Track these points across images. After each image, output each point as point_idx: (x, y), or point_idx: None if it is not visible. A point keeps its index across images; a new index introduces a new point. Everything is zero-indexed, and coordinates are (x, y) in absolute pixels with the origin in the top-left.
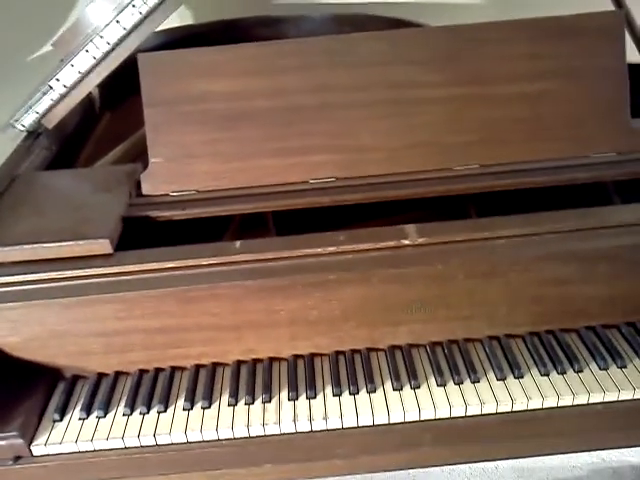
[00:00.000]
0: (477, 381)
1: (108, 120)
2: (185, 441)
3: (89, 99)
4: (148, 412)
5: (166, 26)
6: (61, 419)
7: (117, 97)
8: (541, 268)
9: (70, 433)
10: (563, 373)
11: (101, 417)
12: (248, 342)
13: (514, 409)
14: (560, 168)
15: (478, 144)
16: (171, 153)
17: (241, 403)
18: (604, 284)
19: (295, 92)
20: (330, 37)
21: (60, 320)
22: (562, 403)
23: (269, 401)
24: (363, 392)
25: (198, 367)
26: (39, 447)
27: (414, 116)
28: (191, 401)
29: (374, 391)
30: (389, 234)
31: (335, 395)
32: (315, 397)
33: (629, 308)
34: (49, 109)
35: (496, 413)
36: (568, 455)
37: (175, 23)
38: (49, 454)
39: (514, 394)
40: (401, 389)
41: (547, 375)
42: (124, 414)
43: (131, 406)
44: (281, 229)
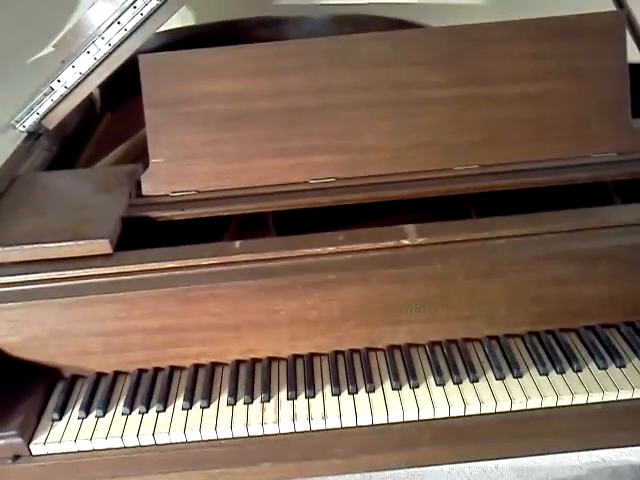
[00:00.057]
0: (476, 381)
1: (109, 121)
2: (184, 440)
3: (90, 100)
4: (147, 411)
5: (167, 27)
6: (60, 418)
7: (118, 98)
8: (541, 268)
9: (69, 432)
10: (562, 373)
11: (100, 416)
12: (248, 342)
13: (513, 409)
14: (560, 168)
15: (481, 144)
16: (172, 154)
17: (240, 403)
18: (604, 284)
19: (296, 93)
20: (331, 38)
21: (60, 320)
22: (561, 403)
23: (268, 401)
24: (362, 392)
25: (197, 367)
26: (38, 446)
27: (416, 116)
28: (190, 401)
29: (373, 391)
30: (389, 234)
31: (334, 395)
32: (314, 397)
33: (628, 308)
34: (50, 110)
35: (495, 413)
36: (567, 454)
37: (176, 24)
38: (48, 453)
39: (513, 394)
40: (400, 389)
41: (546, 375)
42: (123, 413)
43: (130, 405)
44: (281, 229)
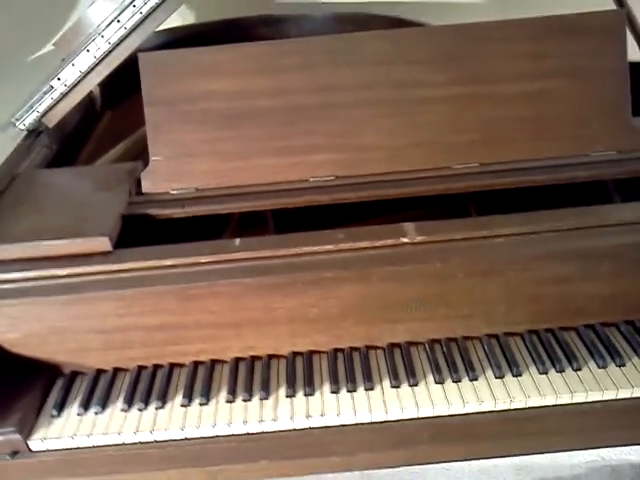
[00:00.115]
0: (475, 379)
1: (109, 119)
2: (183, 437)
3: (90, 98)
4: (146, 408)
5: (168, 25)
6: (59, 415)
7: (118, 96)
8: (540, 266)
9: (68, 428)
10: (561, 371)
11: (99, 413)
12: (247, 339)
13: (512, 407)
14: (560, 167)
15: (481, 143)
16: (171, 152)
17: (239, 400)
18: (603, 283)
19: (297, 91)
20: (332, 36)
21: (60, 317)
22: (560, 401)
23: (267, 398)
24: (361, 389)
25: (196, 364)
26: (37, 442)
27: (417, 115)
28: (189, 397)
29: (372, 388)
30: (388, 232)
31: (333, 392)
32: (313, 394)
33: (628, 307)
34: (50, 108)
35: (494, 411)
36: (567, 453)
37: (177, 22)
38: (47, 449)
39: (512, 392)
40: (399, 387)
41: (545, 373)
42: (122, 410)
43: (129, 402)
44: (281, 227)
